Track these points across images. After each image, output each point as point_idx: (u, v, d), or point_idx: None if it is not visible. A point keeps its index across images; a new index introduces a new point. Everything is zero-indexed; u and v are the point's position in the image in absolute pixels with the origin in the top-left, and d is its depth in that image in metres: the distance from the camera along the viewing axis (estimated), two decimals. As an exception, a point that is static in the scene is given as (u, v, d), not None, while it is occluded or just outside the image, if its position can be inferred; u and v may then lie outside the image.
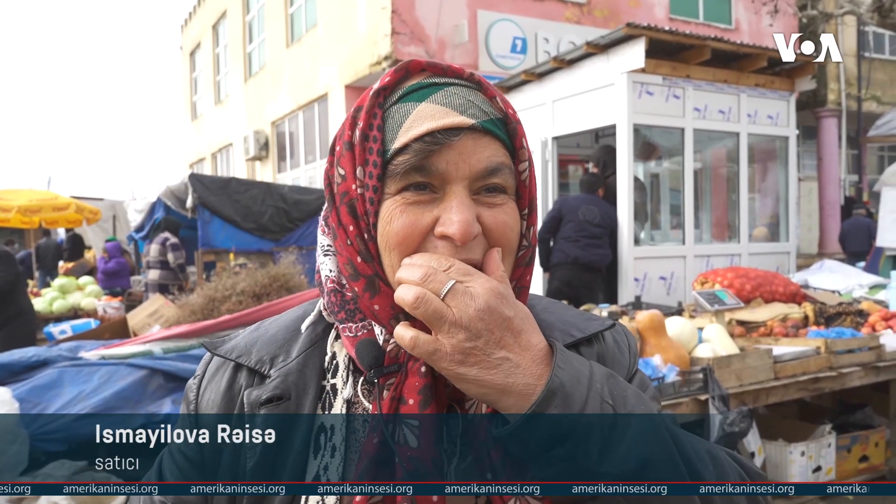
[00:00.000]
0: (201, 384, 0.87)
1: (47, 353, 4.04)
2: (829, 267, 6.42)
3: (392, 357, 0.76)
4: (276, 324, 0.89)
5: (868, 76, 14.75)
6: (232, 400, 0.83)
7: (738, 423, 3.11)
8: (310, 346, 0.84)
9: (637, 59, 5.82)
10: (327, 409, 0.80)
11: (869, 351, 3.85)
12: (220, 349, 0.87)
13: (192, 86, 23.62)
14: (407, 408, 0.72)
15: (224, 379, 0.85)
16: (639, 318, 3.43)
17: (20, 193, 11.28)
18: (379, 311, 0.76)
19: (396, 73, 0.77)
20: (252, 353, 0.84)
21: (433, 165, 0.73)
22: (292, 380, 0.80)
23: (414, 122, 0.73)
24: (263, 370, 0.82)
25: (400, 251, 0.74)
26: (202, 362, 0.90)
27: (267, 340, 0.86)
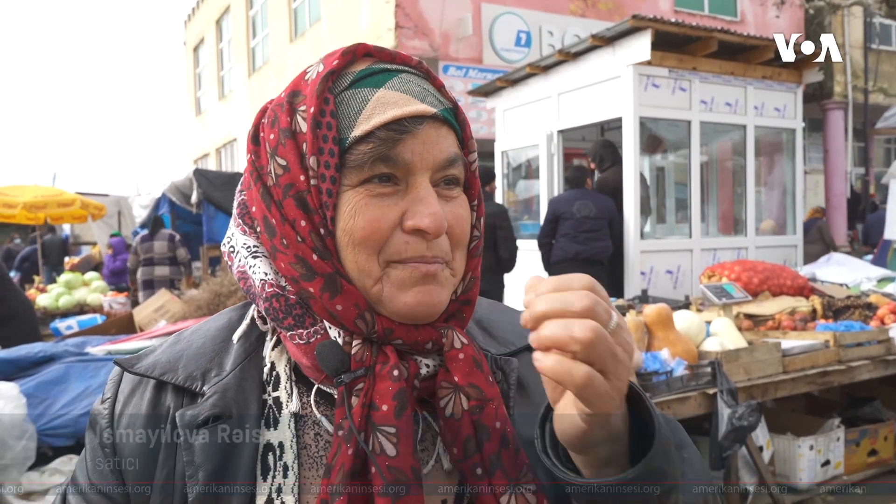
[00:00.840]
0: (115, 409, 0.77)
1: (54, 348, 4.05)
2: (837, 260, 6.39)
3: (358, 360, 0.70)
4: (198, 335, 0.81)
5: (875, 68, 14.66)
6: (157, 423, 0.74)
7: (747, 416, 3.09)
8: (244, 357, 0.77)
9: (643, 52, 5.78)
10: (272, 425, 0.73)
11: (878, 344, 3.83)
12: (137, 367, 0.78)
13: (196, 81, 23.63)
14: (381, 414, 0.67)
15: (145, 400, 0.76)
16: (646, 312, 3.41)
17: (25, 189, 11.29)
18: (342, 312, 0.70)
19: (344, 56, 0.71)
20: (178, 370, 0.76)
21: (399, 155, 0.68)
22: (231, 396, 0.73)
23: (376, 108, 0.68)
24: (195, 387, 0.74)
25: (366, 246, 0.69)
26: (110, 383, 0.80)
27: (193, 354, 0.78)
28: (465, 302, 0.77)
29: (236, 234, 0.78)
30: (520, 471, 0.70)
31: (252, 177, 0.74)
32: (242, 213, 0.78)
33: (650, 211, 6.81)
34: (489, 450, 0.69)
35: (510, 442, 0.70)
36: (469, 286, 0.78)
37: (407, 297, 0.70)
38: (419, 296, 0.70)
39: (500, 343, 0.83)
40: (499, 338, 0.84)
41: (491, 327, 0.85)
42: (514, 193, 8.16)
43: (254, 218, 0.75)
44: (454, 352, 0.72)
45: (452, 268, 0.74)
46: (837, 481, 3.78)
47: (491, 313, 0.88)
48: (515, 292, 6.94)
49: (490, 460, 0.69)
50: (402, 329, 0.71)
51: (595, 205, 5.72)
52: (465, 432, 0.70)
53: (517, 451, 0.70)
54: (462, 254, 0.75)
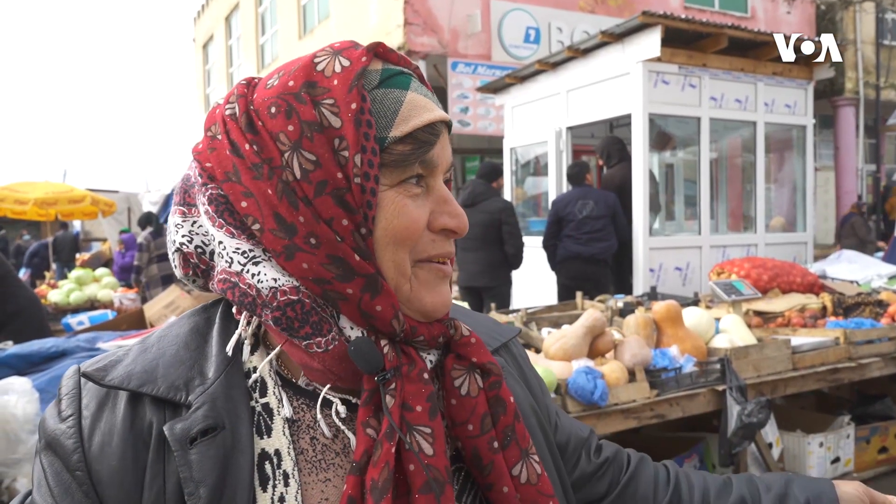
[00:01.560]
0: (82, 427, 0.69)
1: (66, 343, 4.07)
2: (848, 257, 6.36)
3: (389, 361, 0.69)
4: (168, 342, 0.75)
5: (887, 64, 14.55)
6: (139, 439, 0.68)
7: (756, 413, 3.08)
8: (226, 364, 0.72)
9: (653, 48, 5.76)
10: (265, 432, 0.70)
11: (889, 341, 3.82)
12: (109, 378, 0.71)
13: (206, 78, 23.71)
14: (415, 415, 0.68)
15: (119, 415, 0.69)
16: (655, 309, 3.40)
17: (36, 186, 11.38)
18: (381, 312, 0.68)
19: (369, 53, 0.71)
20: (157, 380, 0.70)
21: (433, 158, 0.72)
22: (221, 405, 0.69)
23: (411, 111, 0.70)
24: (178, 398, 0.69)
25: (404, 246, 0.70)
26: (67, 399, 0.71)
27: (169, 363, 0.72)
28: None
29: (218, 235, 0.71)
30: (528, 442, 0.76)
31: (258, 170, 0.68)
32: (221, 210, 0.70)
33: (660, 208, 6.79)
34: (504, 422, 0.74)
35: (519, 416, 0.76)
36: None
37: (432, 296, 0.73)
38: (440, 296, 0.74)
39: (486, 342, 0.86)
40: (483, 336, 0.85)
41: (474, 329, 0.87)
42: (522, 190, 8.15)
43: (245, 215, 0.68)
44: (465, 339, 0.76)
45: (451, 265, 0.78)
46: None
47: (460, 316, 0.88)
48: (522, 288, 6.94)
49: (505, 433, 0.74)
50: (423, 327, 0.73)
51: (596, 203, 5.69)
52: (482, 409, 0.73)
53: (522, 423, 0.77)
54: None
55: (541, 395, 0.93)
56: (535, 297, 6.52)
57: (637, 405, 2.93)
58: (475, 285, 5.77)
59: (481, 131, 11.34)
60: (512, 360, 0.92)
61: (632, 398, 2.94)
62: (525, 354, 0.96)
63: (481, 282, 5.72)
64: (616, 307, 4.06)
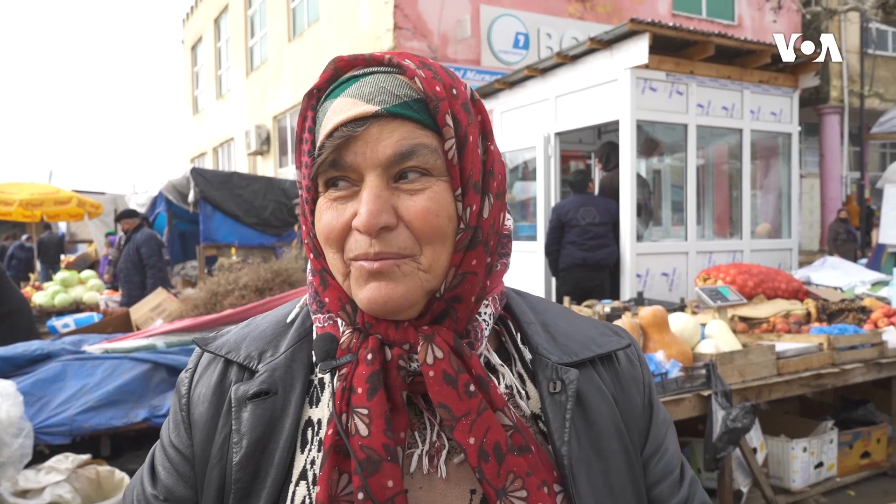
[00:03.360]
0: (193, 378, 0.86)
1: (51, 346, 4.04)
2: (832, 263, 6.42)
3: (345, 348, 0.76)
4: (266, 319, 0.89)
5: (871, 73, 14.72)
6: (222, 395, 0.82)
7: (741, 418, 3.11)
8: (297, 340, 0.83)
9: (640, 55, 5.81)
10: (315, 403, 0.78)
11: (871, 347, 3.86)
12: (210, 345, 0.87)
13: (194, 80, 23.60)
14: (356, 397, 0.72)
15: (215, 374, 0.84)
16: (642, 314, 3.43)
17: (22, 187, 11.27)
18: (329, 304, 0.79)
19: (325, 72, 0.77)
20: (241, 349, 0.84)
21: (343, 159, 0.72)
22: (279, 374, 0.79)
23: (328, 119, 0.74)
24: (252, 365, 0.81)
25: (330, 246, 0.75)
26: (194, 356, 0.90)
27: (256, 336, 0.85)
28: (455, 299, 0.75)
29: None
30: (506, 480, 0.70)
31: None
32: None
33: (650, 214, 6.84)
34: (471, 463, 0.71)
35: (489, 455, 0.70)
36: (456, 283, 0.75)
37: (362, 293, 0.73)
38: (369, 292, 0.72)
39: (564, 351, 0.82)
40: (563, 345, 0.83)
41: (557, 333, 0.85)
42: (511, 195, 8.18)
43: None
44: (425, 367, 0.72)
45: (420, 262, 0.73)
46: (830, 483, 3.80)
47: (559, 319, 0.88)
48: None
49: (475, 471, 0.71)
50: (381, 325, 0.75)
51: (598, 210, 5.76)
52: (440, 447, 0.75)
53: (500, 462, 0.70)
54: (436, 248, 0.73)
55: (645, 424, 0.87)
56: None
57: (623, 410, 2.94)
58: None
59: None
60: (612, 376, 0.85)
61: (618, 403, 2.95)
62: (641, 376, 0.89)
63: None
64: (603, 312, 4.08)
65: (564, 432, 0.75)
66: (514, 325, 0.86)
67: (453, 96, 0.75)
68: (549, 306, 0.91)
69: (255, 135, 16.25)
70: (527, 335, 0.84)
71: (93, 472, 3.21)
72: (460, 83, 0.78)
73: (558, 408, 0.77)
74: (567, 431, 0.75)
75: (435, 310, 0.75)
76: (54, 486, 2.99)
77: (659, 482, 0.85)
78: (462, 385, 0.72)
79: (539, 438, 0.78)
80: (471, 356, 0.75)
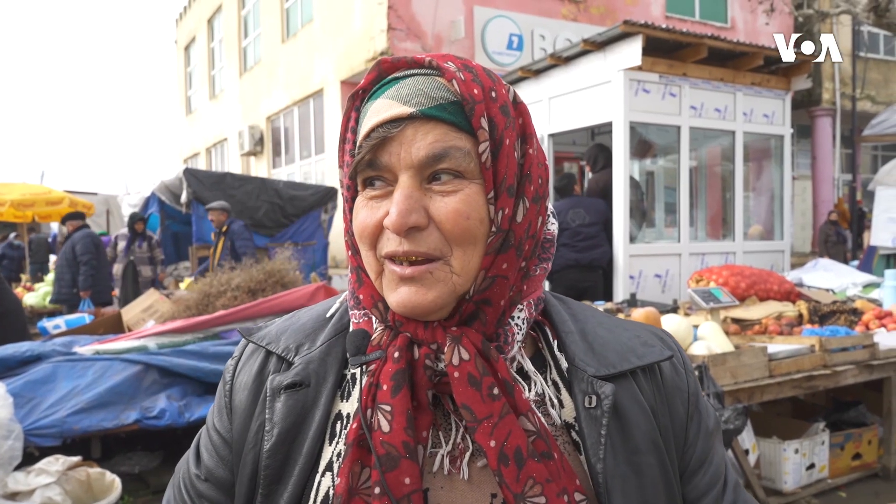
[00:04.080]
0: (237, 366, 0.90)
1: (41, 347, 4.02)
2: (824, 265, 6.46)
3: (374, 345, 0.78)
4: (308, 313, 0.92)
5: (863, 76, 14.80)
6: (261, 384, 0.85)
7: (734, 420, 3.12)
8: (334, 335, 0.85)
9: (634, 57, 5.82)
10: (346, 397, 0.81)
11: (863, 349, 3.87)
12: (254, 335, 0.90)
13: (187, 80, 23.54)
14: (381, 393, 0.74)
15: (256, 363, 0.88)
16: (635, 316, 3.43)
17: (13, 187, 11.22)
18: (364, 301, 0.81)
19: (369, 74, 0.79)
20: (280, 341, 0.87)
21: (379, 159, 0.74)
22: (313, 367, 0.82)
23: (366, 120, 0.75)
24: (289, 357, 0.84)
25: (364, 243, 0.76)
26: (240, 345, 0.94)
27: (296, 329, 0.88)
28: (485, 302, 0.75)
29: None
30: (524, 485, 0.70)
31: None
32: None
33: (643, 215, 6.85)
34: (491, 466, 0.71)
35: (509, 459, 0.70)
36: (486, 286, 0.74)
37: (393, 295, 0.75)
38: (399, 296, 0.74)
39: (601, 363, 0.81)
40: (601, 356, 0.82)
41: (596, 343, 0.83)
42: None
43: None
44: (451, 368, 0.73)
45: (452, 265, 0.73)
46: (822, 485, 3.81)
47: (599, 327, 0.86)
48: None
49: (495, 474, 0.71)
50: (410, 325, 0.76)
51: (587, 211, 5.76)
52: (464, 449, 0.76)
53: (521, 464, 0.70)
54: (467, 250, 0.73)
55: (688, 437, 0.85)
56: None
57: (616, 411, 2.95)
58: None
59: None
60: (654, 387, 0.83)
61: (611, 404, 2.95)
62: (686, 386, 0.87)
63: None
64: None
65: (600, 448, 0.75)
66: (552, 332, 0.85)
67: (492, 99, 0.75)
68: (591, 314, 0.89)
69: (249, 135, 16.21)
70: (564, 344, 0.82)
71: (83, 474, 3.20)
72: (501, 86, 0.78)
73: (594, 423, 0.76)
74: (603, 448, 0.75)
75: (464, 311, 0.76)
76: (44, 488, 2.97)
77: (704, 496, 0.84)
78: (486, 388, 0.72)
79: (569, 448, 0.78)
80: (498, 359, 0.74)
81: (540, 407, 0.78)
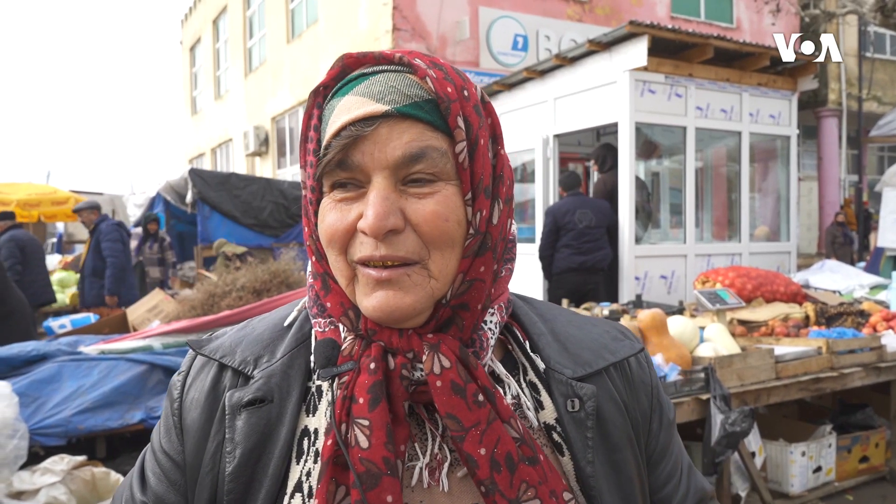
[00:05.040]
0: (186, 382, 0.83)
1: (47, 347, 4.03)
2: (830, 267, 6.42)
3: (345, 355, 0.73)
4: (263, 323, 0.86)
5: (869, 76, 14.74)
6: (216, 400, 0.79)
7: (740, 422, 3.10)
8: (295, 345, 0.80)
9: (640, 58, 5.80)
10: (311, 411, 0.76)
11: (870, 351, 3.85)
12: (204, 348, 0.83)
13: (192, 81, 23.59)
14: (358, 407, 0.69)
15: (209, 378, 0.81)
16: (640, 317, 3.42)
17: (19, 187, 11.25)
18: (331, 309, 0.76)
19: (332, 69, 0.75)
20: (236, 354, 0.81)
21: (350, 159, 0.69)
22: (275, 381, 0.77)
23: (335, 118, 0.71)
24: (247, 371, 0.78)
25: (333, 248, 0.72)
26: (187, 358, 0.86)
27: (252, 340, 0.82)
28: (462, 307, 0.73)
29: None
30: (518, 489, 0.69)
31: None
32: None
33: (649, 216, 6.83)
34: (481, 475, 0.69)
35: (501, 466, 0.69)
36: (463, 290, 0.73)
37: (368, 300, 0.70)
38: (376, 301, 0.70)
39: (577, 363, 0.80)
40: (575, 355, 0.81)
41: (569, 342, 0.83)
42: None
43: None
44: (432, 377, 0.70)
45: (429, 268, 0.70)
46: (829, 488, 3.79)
47: (569, 325, 0.86)
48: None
49: (484, 485, 0.69)
50: (384, 332, 0.72)
51: (594, 213, 5.72)
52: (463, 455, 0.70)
53: (513, 470, 0.69)
54: (445, 254, 0.71)
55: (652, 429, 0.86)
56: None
57: (622, 413, 2.93)
58: None
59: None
60: (625, 383, 0.84)
61: (616, 406, 2.94)
62: (650, 379, 0.88)
63: None
64: (601, 315, 4.07)
65: (588, 451, 0.75)
66: (522, 333, 0.83)
67: (465, 98, 0.72)
68: (557, 312, 0.88)
69: (254, 136, 16.23)
70: (537, 345, 0.81)
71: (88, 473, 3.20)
72: (471, 84, 0.76)
73: (578, 425, 0.75)
74: (591, 450, 0.75)
75: (441, 317, 0.73)
76: (49, 487, 2.97)
77: (666, 484, 0.86)
78: (470, 395, 0.70)
79: (547, 450, 0.77)
80: (477, 366, 0.73)
81: (517, 410, 0.77)
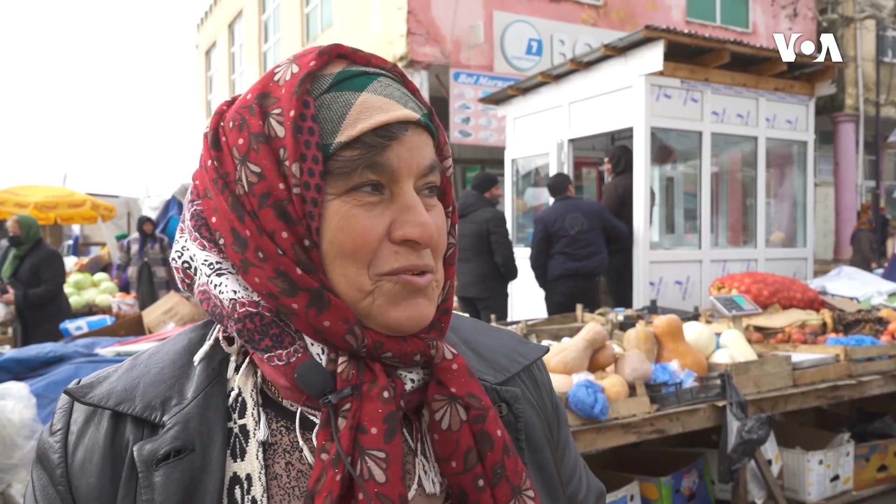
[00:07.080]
0: (68, 441, 0.70)
1: (63, 348, 4.06)
2: (848, 273, 6.35)
3: (344, 379, 0.65)
4: (156, 359, 0.75)
5: (887, 81, 14.61)
6: (117, 458, 0.68)
7: (757, 430, 3.07)
8: (207, 383, 0.70)
9: (655, 62, 5.78)
10: (238, 455, 0.68)
11: (889, 359, 3.81)
12: (90, 396, 0.71)
13: (208, 84, 23.76)
14: (370, 438, 0.63)
15: (102, 432, 0.69)
16: (656, 323, 3.40)
17: (36, 190, 11.38)
18: (330, 328, 0.65)
19: (320, 57, 0.67)
20: (136, 399, 0.69)
21: (387, 162, 0.65)
22: (194, 426, 0.67)
23: (361, 113, 0.65)
24: (153, 418, 0.68)
25: (356, 259, 0.65)
26: (59, 412, 0.72)
27: (151, 381, 0.71)
28: (444, 311, 0.74)
29: (193, 248, 0.71)
30: (520, 478, 0.69)
31: (216, 185, 0.67)
32: (198, 225, 0.70)
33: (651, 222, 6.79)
34: (493, 459, 0.67)
35: (510, 450, 0.69)
36: (447, 295, 0.75)
37: (398, 311, 0.67)
38: (409, 310, 0.67)
39: (496, 369, 0.80)
40: (492, 362, 0.81)
41: (482, 350, 0.83)
42: (522, 201, 8.16)
43: (214, 230, 0.68)
44: (446, 363, 0.70)
45: (437, 278, 0.71)
46: (846, 497, 3.75)
47: (478, 334, 0.86)
48: (521, 300, 6.93)
49: (493, 470, 0.67)
50: (392, 342, 0.67)
51: (584, 216, 5.59)
52: (465, 444, 0.67)
53: (516, 457, 0.70)
54: (439, 263, 0.72)
55: (556, 427, 0.87)
56: (533, 308, 6.51)
57: (637, 420, 2.92)
58: (469, 296, 5.76)
59: (482, 142, 11.35)
60: (533, 384, 0.85)
61: (632, 413, 2.93)
62: (548, 379, 0.90)
63: (474, 292, 5.70)
64: (616, 321, 4.05)
65: (522, 453, 0.75)
66: None
67: None
68: (461, 322, 0.88)
69: (268, 139, 16.31)
70: None
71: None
72: None
73: (510, 429, 0.75)
74: (523, 451, 0.75)
75: (433, 321, 0.74)
76: None
77: (571, 479, 0.87)
78: (477, 379, 0.72)
79: None
80: None
81: None
